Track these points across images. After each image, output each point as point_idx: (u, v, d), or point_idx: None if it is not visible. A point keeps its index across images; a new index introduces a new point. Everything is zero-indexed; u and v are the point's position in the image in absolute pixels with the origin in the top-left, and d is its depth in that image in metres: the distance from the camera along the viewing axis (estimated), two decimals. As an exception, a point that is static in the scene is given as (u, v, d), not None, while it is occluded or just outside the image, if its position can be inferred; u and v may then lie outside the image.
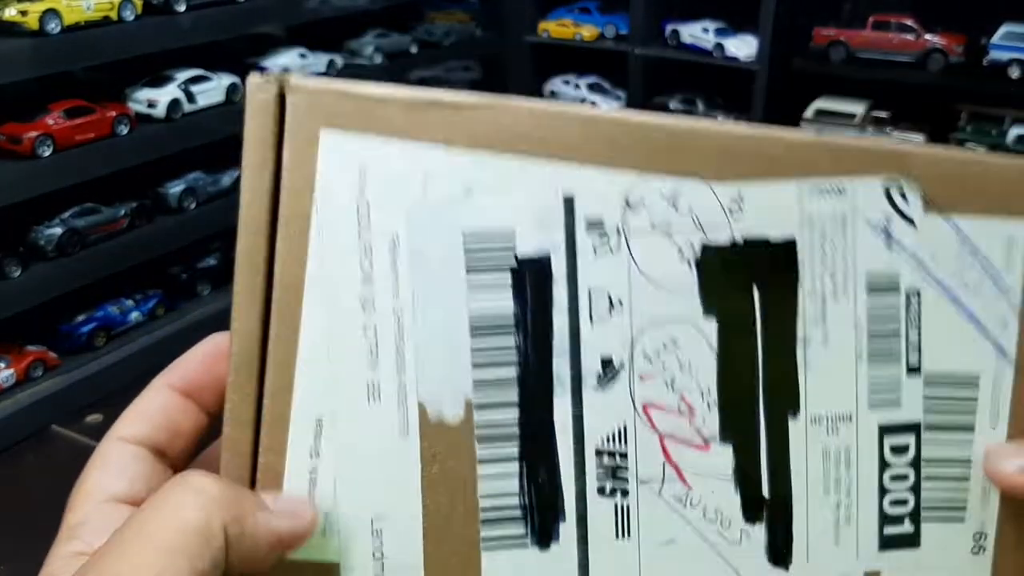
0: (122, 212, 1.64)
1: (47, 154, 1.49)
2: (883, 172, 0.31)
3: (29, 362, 1.50)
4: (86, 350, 1.58)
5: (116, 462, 0.30)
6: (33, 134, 1.48)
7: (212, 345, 0.31)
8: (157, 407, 0.31)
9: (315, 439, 0.30)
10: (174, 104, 1.68)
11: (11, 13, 1.44)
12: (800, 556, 0.32)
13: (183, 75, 1.72)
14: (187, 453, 0.31)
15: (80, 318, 1.60)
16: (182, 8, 1.64)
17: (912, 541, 0.32)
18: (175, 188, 1.73)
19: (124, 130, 1.60)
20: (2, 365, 1.47)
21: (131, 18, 1.58)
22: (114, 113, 1.59)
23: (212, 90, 1.75)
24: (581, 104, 0.30)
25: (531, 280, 0.30)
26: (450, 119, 0.30)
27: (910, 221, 0.31)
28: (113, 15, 1.55)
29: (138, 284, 1.70)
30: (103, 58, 1.60)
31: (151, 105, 1.67)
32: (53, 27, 1.47)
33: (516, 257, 0.30)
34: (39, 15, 1.45)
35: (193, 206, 1.75)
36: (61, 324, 1.59)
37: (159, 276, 1.75)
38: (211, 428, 0.31)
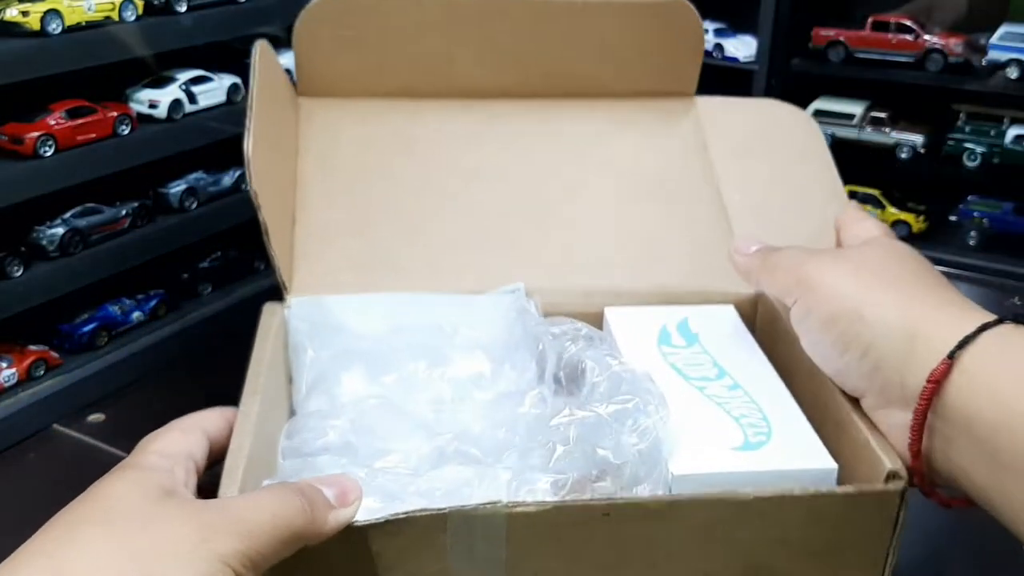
0: (123, 212, 1.64)
1: (49, 154, 1.49)
2: None
3: (31, 362, 1.50)
4: (88, 349, 1.58)
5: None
6: (35, 134, 1.48)
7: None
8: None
9: None
10: (175, 105, 1.69)
11: (12, 14, 1.44)
12: None
13: (184, 76, 1.72)
14: None
15: (82, 317, 1.60)
16: (183, 9, 1.64)
17: None
18: (176, 188, 1.73)
19: (125, 130, 1.61)
20: (4, 365, 1.47)
21: (132, 19, 1.58)
22: (115, 113, 1.59)
23: (213, 91, 1.75)
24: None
25: None
26: None
27: None
28: (114, 15, 1.55)
29: (139, 284, 1.70)
30: (104, 58, 1.60)
31: (152, 106, 1.67)
32: (54, 27, 1.48)
33: None
34: (40, 16, 1.45)
35: (194, 206, 1.75)
36: (62, 324, 1.59)
37: (160, 276, 1.74)
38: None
